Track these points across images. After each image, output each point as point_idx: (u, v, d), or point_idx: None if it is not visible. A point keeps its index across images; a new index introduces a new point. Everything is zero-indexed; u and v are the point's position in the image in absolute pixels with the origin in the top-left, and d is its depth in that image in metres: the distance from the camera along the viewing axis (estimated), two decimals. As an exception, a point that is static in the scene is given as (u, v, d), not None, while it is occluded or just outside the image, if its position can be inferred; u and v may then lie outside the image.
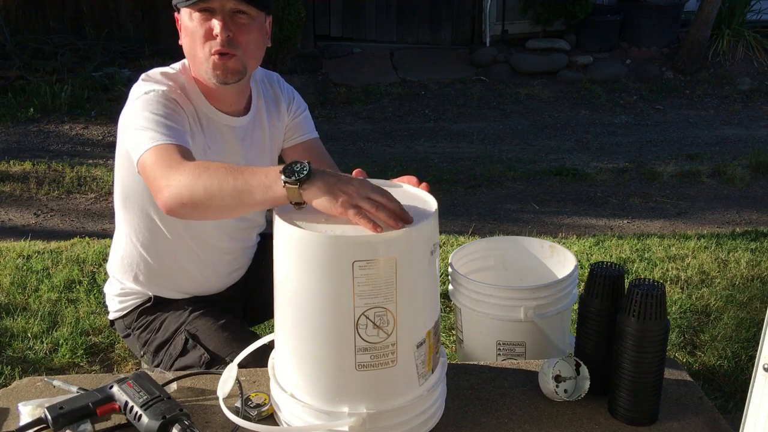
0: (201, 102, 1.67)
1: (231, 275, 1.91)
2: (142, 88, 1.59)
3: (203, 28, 1.57)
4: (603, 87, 6.85)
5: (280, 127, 1.86)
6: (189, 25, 1.59)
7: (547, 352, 1.80)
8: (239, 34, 1.58)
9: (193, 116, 1.64)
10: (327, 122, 5.95)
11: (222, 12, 1.56)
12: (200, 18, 1.57)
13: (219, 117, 1.70)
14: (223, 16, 1.55)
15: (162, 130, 1.48)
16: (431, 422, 1.33)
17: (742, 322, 2.83)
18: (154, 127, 1.49)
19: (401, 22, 7.62)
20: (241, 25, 1.58)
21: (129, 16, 6.84)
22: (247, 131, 1.76)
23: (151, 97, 1.55)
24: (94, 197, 4.45)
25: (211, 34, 1.57)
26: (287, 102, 1.87)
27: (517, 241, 2.04)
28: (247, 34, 1.59)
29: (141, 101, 1.55)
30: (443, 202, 2.59)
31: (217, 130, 1.70)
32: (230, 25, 1.56)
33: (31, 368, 2.48)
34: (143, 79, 1.63)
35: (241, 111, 1.75)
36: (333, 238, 1.17)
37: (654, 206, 4.47)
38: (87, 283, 3.09)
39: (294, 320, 1.25)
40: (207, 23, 1.57)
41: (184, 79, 1.66)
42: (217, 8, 1.55)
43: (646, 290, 1.30)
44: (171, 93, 1.59)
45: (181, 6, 1.59)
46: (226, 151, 1.71)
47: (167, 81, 1.62)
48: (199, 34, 1.57)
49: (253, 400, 1.40)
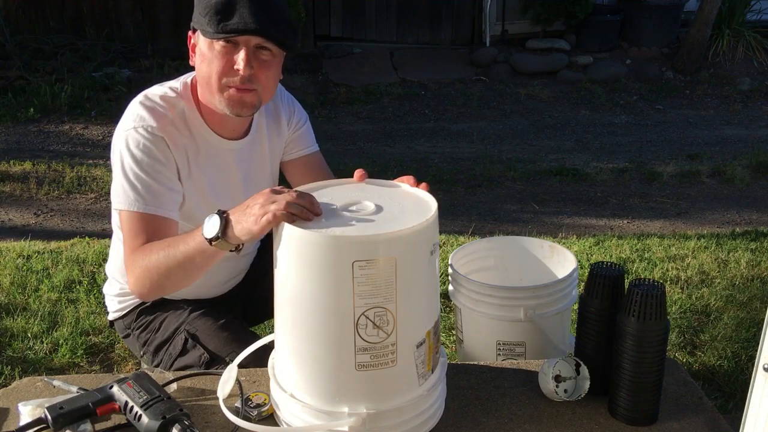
0: (200, 128, 1.64)
1: (229, 282, 1.91)
2: (135, 114, 1.56)
3: (223, 59, 1.52)
4: (603, 87, 6.85)
5: (280, 142, 1.84)
6: (207, 54, 1.53)
7: (547, 352, 1.80)
8: (260, 70, 1.54)
9: (187, 148, 1.61)
10: (327, 122, 5.95)
11: (246, 46, 1.51)
12: (222, 49, 1.51)
13: (219, 142, 1.68)
14: (246, 52, 1.51)
15: (142, 190, 1.52)
16: (431, 422, 1.33)
17: (742, 322, 2.83)
18: (136, 183, 1.53)
19: (401, 22, 7.62)
20: (263, 61, 1.54)
21: (129, 16, 6.84)
22: (245, 153, 1.74)
23: (139, 139, 1.53)
24: (94, 197, 4.45)
25: (232, 67, 1.52)
26: (288, 116, 1.84)
27: (517, 241, 2.04)
28: (267, 71, 1.56)
29: (131, 139, 1.54)
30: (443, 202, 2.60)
31: (215, 155, 1.68)
32: (252, 61, 1.52)
33: (31, 368, 2.48)
34: (140, 102, 1.59)
35: (242, 134, 1.73)
36: (333, 238, 1.17)
37: (654, 206, 4.47)
38: (87, 283, 3.09)
39: (294, 320, 1.25)
40: (229, 56, 1.51)
41: (183, 104, 1.62)
42: (241, 42, 1.50)
43: (646, 290, 1.30)
44: (161, 130, 1.55)
45: (207, 37, 1.52)
46: (224, 175, 1.70)
47: (164, 107, 1.58)
48: (219, 64, 1.52)
49: (253, 400, 1.40)
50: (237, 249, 1.36)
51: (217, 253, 1.36)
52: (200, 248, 1.36)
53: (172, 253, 1.41)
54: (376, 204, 1.28)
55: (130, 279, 1.52)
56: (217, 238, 1.31)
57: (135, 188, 1.53)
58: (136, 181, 1.53)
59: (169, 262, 1.42)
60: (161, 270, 1.44)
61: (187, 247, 1.39)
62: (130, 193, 1.53)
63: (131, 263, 1.50)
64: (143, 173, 1.53)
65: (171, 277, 1.45)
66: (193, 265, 1.41)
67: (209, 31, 1.49)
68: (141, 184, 1.53)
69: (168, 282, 1.47)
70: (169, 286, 1.50)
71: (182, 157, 1.61)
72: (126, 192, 1.53)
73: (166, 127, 1.57)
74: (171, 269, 1.43)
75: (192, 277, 1.47)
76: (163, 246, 1.45)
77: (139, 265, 1.48)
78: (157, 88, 1.64)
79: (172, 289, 1.52)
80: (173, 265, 1.42)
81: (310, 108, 6.46)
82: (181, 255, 1.40)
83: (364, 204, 1.28)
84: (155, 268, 1.45)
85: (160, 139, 1.55)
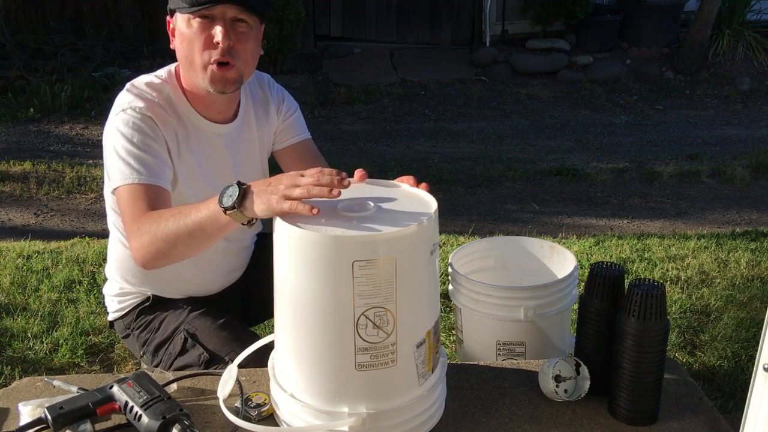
0: (188, 112, 1.66)
1: (228, 276, 1.91)
2: (125, 100, 1.59)
3: (203, 35, 1.55)
4: (603, 87, 6.85)
5: (269, 129, 1.85)
6: (186, 32, 1.56)
7: (547, 352, 1.80)
8: (238, 43, 1.57)
9: (176, 130, 1.63)
10: (327, 122, 5.95)
11: (223, 19, 1.54)
12: (200, 25, 1.55)
13: (207, 126, 1.69)
14: (224, 24, 1.54)
15: (136, 164, 1.52)
16: (431, 422, 1.33)
17: (742, 322, 2.83)
18: (129, 159, 1.52)
19: (401, 22, 7.62)
20: (240, 33, 1.57)
21: (129, 16, 6.84)
22: (234, 137, 1.76)
23: (129, 118, 1.55)
24: (94, 197, 4.45)
25: (211, 42, 1.55)
26: (277, 104, 1.85)
27: (517, 241, 2.04)
28: (246, 43, 1.58)
29: (119, 120, 1.56)
30: (443, 202, 2.59)
31: (205, 139, 1.69)
32: (230, 33, 1.55)
33: (31, 368, 2.48)
34: (127, 89, 1.62)
35: (230, 118, 1.74)
36: (333, 238, 1.17)
37: (654, 206, 4.47)
38: (87, 283, 3.09)
39: (294, 320, 1.25)
40: (207, 31, 1.55)
41: (169, 90, 1.65)
42: (217, 15, 1.54)
43: (646, 290, 1.30)
44: (149, 110, 1.57)
45: (182, 12, 1.55)
46: (214, 159, 1.72)
47: (151, 93, 1.61)
48: (198, 41, 1.55)
49: (253, 400, 1.40)
50: (250, 223, 1.34)
51: (229, 224, 1.34)
52: (213, 217, 1.34)
53: (183, 221, 1.39)
54: (377, 204, 1.28)
55: (133, 245, 1.47)
56: (233, 207, 1.29)
57: (129, 164, 1.52)
58: (129, 157, 1.53)
59: (178, 229, 1.39)
60: (169, 237, 1.40)
61: (199, 215, 1.37)
62: (125, 169, 1.52)
63: (136, 230, 1.47)
64: (135, 148, 1.54)
65: (179, 245, 1.41)
66: (203, 234, 1.39)
67: (185, 6, 1.53)
68: (134, 158, 1.53)
69: (174, 251, 1.43)
70: (175, 255, 1.46)
71: (172, 136, 1.62)
72: (121, 170, 1.52)
73: (154, 108, 1.59)
74: (180, 237, 1.40)
75: (198, 248, 1.45)
76: (173, 213, 1.42)
77: (146, 230, 1.44)
78: (143, 76, 1.66)
79: (176, 258, 1.48)
80: (183, 232, 1.39)
81: (310, 108, 6.49)
82: (192, 223, 1.37)
83: (364, 204, 1.28)
84: (163, 235, 1.41)
85: (149, 118, 1.57)
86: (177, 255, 1.46)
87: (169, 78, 1.67)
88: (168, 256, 1.45)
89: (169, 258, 1.46)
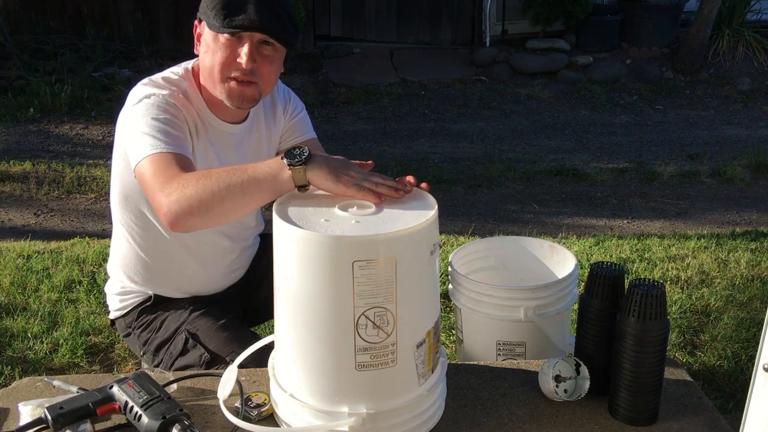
0: (203, 109, 1.68)
1: (230, 275, 1.91)
2: (143, 91, 1.59)
3: (226, 51, 1.56)
4: (603, 87, 6.85)
5: (276, 130, 1.86)
6: (212, 45, 1.58)
7: (547, 352, 1.80)
8: (262, 64, 1.58)
9: (193, 121, 1.65)
10: (327, 122, 5.95)
11: (250, 40, 1.55)
12: (227, 41, 1.56)
13: (219, 124, 1.71)
14: (250, 45, 1.55)
15: (162, 137, 1.49)
16: (431, 422, 1.33)
17: (742, 322, 2.83)
18: (154, 133, 1.50)
19: (401, 22, 7.62)
20: (265, 56, 1.59)
21: (129, 16, 6.84)
22: (243, 138, 1.77)
23: (153, 102, 1.56)
24: (94, 197, 4.45)
25: (235, 60, 1.56)
26: (283, 104, 1.87)
27: (517, 241, 2.04)
28: (270, 65, 1.60)
29: (143, 105, 1.56)
30: (443, 202, 2.60)
31: (216, 136, 1.71)
32: (255, 55, 1.56)
33: (31, 368, 2.48)
34: (144, 83, 1.63)
35: (241, 119, 1.76)
36: (333, 238, 1.17)
37: (654, 206, 4.47)
38: (87, 283, 3.09)
39: (294, 320, 1.25)
40: (232, 49, 1.56)
41: (186, 85, 1.66)
42: (245, 35, 1.55)
43: (646, 290, 1.30)
44: (172, 98, 1.59)
45: (213, 30, 1.56)
46: (224, 156, 1.72)
47: (169, 86, 1.63)
48: (222, 56, 1.56)
49: (253, 400, 1.40)
50: (303, 187, 1.34)
51: (287, 183, 1.34)
52: (273, 173, 1.35)
53: (238, 175, 1.37)
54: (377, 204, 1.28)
55: (168, 200, 1.39)
56: (301, 164, 1.32)
57: (156, 137, 1.49)
58: (156, 132, 1.50)
59: (231, 184, 1.36)
60: (219, 190, 1.36)
61: (257, 170, 1.36)
62: (153, 141, 1.48)
63: (175, 185, 1.40)
64: (162, 124, 1.52)
65: (226, 201, 1.37)
66: (257, 190, 1.36)
67: (215, 24, 1.54)
68: (162, 133, 1.50)
69: (218, 207, 1.38)
70: (215, 214, 1.39)
71: (192, 124, 1.64)
72: (149, 142, 1.48)
73: (176, 97, 1.60)
74: (231, 191, 1.36)
75: (246, 206, 1.41)
76: (225, 169, 1.39)
77: (189, 184, 1.38)
78: (158, 74, 1.67)
79: (215, 217, 1.41)
80: (235, 186, 1.36)
81: (310, 108, 6.44)
82: (249, 177, 1.36)
83: (364, 204, 1.28)
84: (212, 189, 1.36)
85: (173, 105, 1.58)
86: (217, 214, 1.40)
87: (186, 75, 1.68)
88: (207, 214, 1.39)
89: (207, 216, 1.39)
